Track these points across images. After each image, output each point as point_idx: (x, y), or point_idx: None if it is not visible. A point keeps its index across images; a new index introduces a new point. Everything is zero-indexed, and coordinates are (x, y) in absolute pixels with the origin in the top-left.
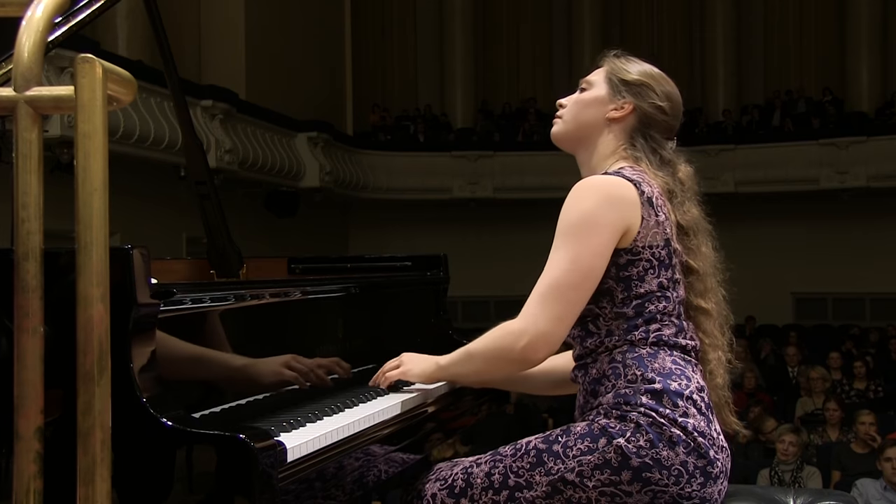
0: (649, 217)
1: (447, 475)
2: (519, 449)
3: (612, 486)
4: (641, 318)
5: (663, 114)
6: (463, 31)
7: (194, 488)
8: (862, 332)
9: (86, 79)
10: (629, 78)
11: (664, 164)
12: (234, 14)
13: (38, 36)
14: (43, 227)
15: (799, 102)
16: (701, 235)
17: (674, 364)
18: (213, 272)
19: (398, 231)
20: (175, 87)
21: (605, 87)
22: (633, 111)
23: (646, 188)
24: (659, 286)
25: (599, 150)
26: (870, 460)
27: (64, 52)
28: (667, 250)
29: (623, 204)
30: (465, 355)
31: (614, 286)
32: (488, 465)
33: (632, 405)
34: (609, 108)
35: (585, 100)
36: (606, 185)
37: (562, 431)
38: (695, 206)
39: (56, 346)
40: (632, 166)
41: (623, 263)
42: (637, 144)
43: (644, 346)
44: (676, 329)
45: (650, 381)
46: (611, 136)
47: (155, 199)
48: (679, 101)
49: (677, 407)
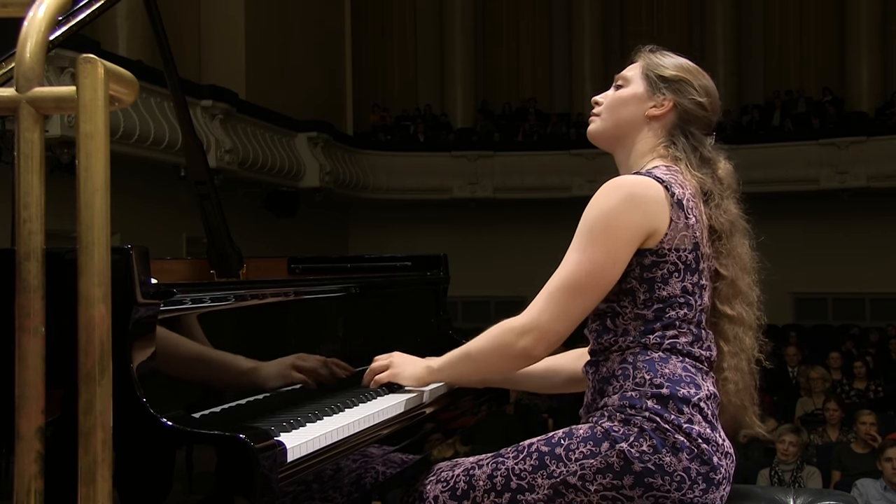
0: (678, 219)
1: (449, 476)
2: (521, 451)
3: (613, 491)
4: (660, 323)
5: (703, 109)
6: (463, 31)
7: (194, 488)
8: (862, 332)
9: (87, 79)
10: (667, 74)
11: (704, 162)
12: (234, 14)
13: (39, 36)
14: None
15: (799, 102)
16: (737, 236)
17: (684, 371)
18: (213, 272)
19: (398, 231)
20: (175, 87)
21: (643, 84)
22: (673, 108)
23: (676, 189)
24: (682, 290)
25: (637, 149)
26: (870, 460)
27: (64, 53)
28: (694, 254)
29: (648, 205)
30: (463, 356)
31: (637, 286)
32: (490, 466)
33: (637, 409)
34: (648, 105)
35: (623, 97)
36: (632, 185)
37: (564, 434)
38: (733, 203)
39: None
40: (668, 166)
41: (648, 264)
42: (677, 143)
43: (657, 350)
44: (693, 338)
45: (658, 386)
46: (650, 133)
47: (155, 199)
48: (717, 96)
49: (682, 413)
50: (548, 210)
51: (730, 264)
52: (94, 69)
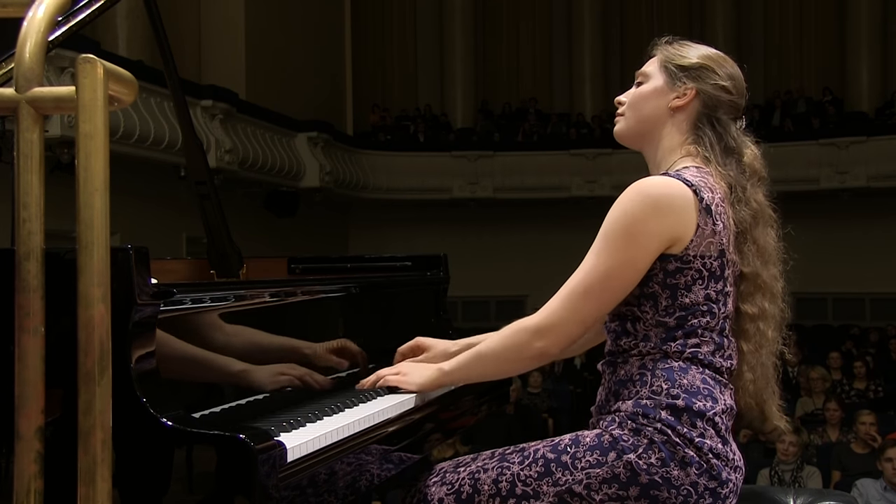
0: (706, 225)
1: (454, 479)
2: (527, 456)
3: (618, 501)
4: (682, 331)
5: (727, 93)
6: (463, 31)
7: (194, 488)
8: (862, 332)
9: (87, 79)
10: (686, 63)
11: (729, 153)
12: (234, 14)
13: (39, 36)
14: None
15: (799, 102)
16: (761, 226)
17: (703, 383)
18: (213, 272)
19: (398, 231)
20: (175, 87)
21: (663, 76)
22: (696, 96)
23: (706, 194)
24: (706, 298)
25: (664, 145)
26: (870, 460)
27: (64, 53)
28: (720, 261)
29: (674, 211)
30: (475, 357)
31: (659, 291)
32: (495, 471)
33: (649, 419)
34: (671, 97)
35: (644, 93)
36: (659, 189)
37: (571, 441)
38: (760, 190)
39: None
40: (698, 166)
41: (672, 270)
42: (703, 136)
43: (678, 359)
44: (715, 346)
45: (674, 397)
46: (674, 127)
47: (155, 199)
48: (741, 79)
49: (695, 427)
50: (548, 210)
51: (751, 258)
52: (93, 69)
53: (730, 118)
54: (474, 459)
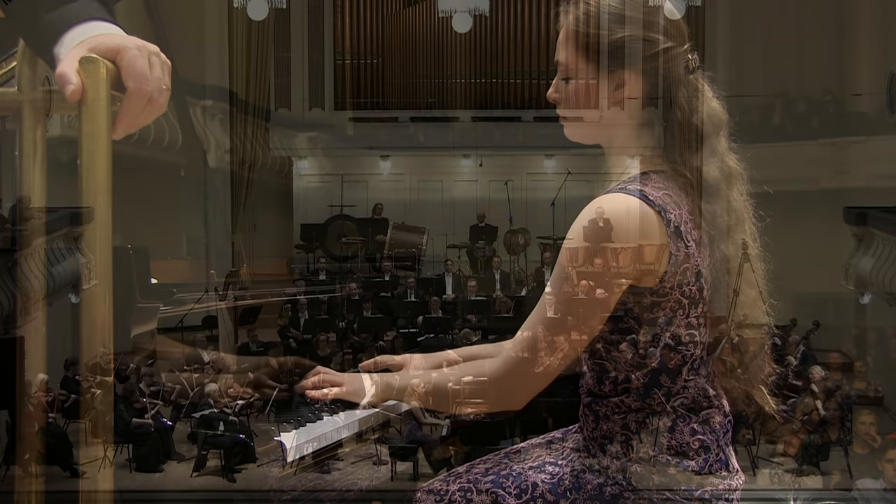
0: (678, 251)
1: (445, 490)
2: (525, 490)
3: None
4: (665, 375)
5: (667, 52)
6: None
7: None
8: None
9: (90, 79)
10: (608, 41)
11: (692, 130)
12: None
13: None
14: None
15: (799, 102)
16: (723, 190)
17: (692, 435)
18: (213, 272)
19: None
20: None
21: (588, 67)
22: (638, 76)
23: (672, 214)
24: (687, 326)
25: (617, 143)
26: (870, 460)
27: None
28: (698, 284)
29: (642, 240)
30: (441, 390)
31: (635, 327)
32: (490, 497)
33: (644, 482)
34: (609, 90)
35: (579, 94)
36: (618, 217)
37: (572, 484)
38: (723, 142)
39: None
40: (657, 171)
41: (648, 305)
42: (654, 119)
43: (662, 415)
44: (704, 375)
45: (664, 464)
46: (625, 118)
47: (155, 199)
48: (676, 18)
49: (692, 481)
50: None
51: (716, 235)
52: (96, 69)
53: (683, 68)
54: (469, 476)
